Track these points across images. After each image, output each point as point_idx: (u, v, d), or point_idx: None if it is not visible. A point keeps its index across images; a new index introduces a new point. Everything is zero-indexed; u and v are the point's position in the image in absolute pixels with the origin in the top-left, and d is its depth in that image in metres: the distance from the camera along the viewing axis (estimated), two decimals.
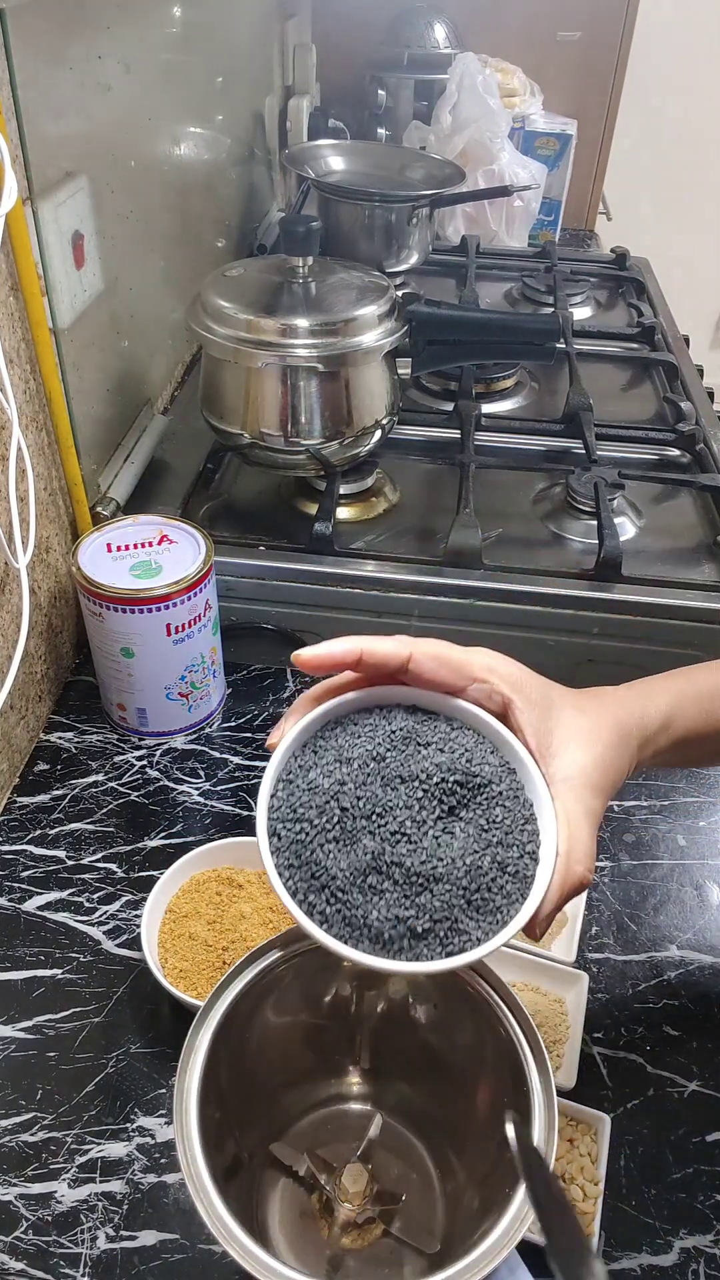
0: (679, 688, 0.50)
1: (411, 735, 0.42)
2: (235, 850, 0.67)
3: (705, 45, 2.19)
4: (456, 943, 0.38)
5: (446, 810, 0.40)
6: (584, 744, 0.44)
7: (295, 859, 0.39)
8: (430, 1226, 0.50)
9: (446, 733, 0.43)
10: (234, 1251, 0.39)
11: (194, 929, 0.62)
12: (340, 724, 0.43)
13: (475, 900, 0.39)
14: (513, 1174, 0.42)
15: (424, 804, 0.40)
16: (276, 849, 0.40)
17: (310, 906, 0.38)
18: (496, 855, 0.40)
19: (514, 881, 0.40)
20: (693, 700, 0.50)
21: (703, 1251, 0.52)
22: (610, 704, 0.47)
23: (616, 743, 0.45)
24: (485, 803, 0.41)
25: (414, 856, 0.39)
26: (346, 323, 0.82)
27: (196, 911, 0.64)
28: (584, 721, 0.45)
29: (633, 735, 0.47)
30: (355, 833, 0.39)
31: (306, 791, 0.40)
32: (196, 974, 0.60)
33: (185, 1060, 0.44)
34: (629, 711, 0.47)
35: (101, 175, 0.82)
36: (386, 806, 0.40)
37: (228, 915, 0.63)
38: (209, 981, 0.59)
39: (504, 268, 1.47)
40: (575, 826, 0.42)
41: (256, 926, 0.63)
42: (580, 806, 0.42)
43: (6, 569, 0.70)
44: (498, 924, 0.39)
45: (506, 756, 0.43)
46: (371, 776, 0.40)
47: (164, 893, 0.64)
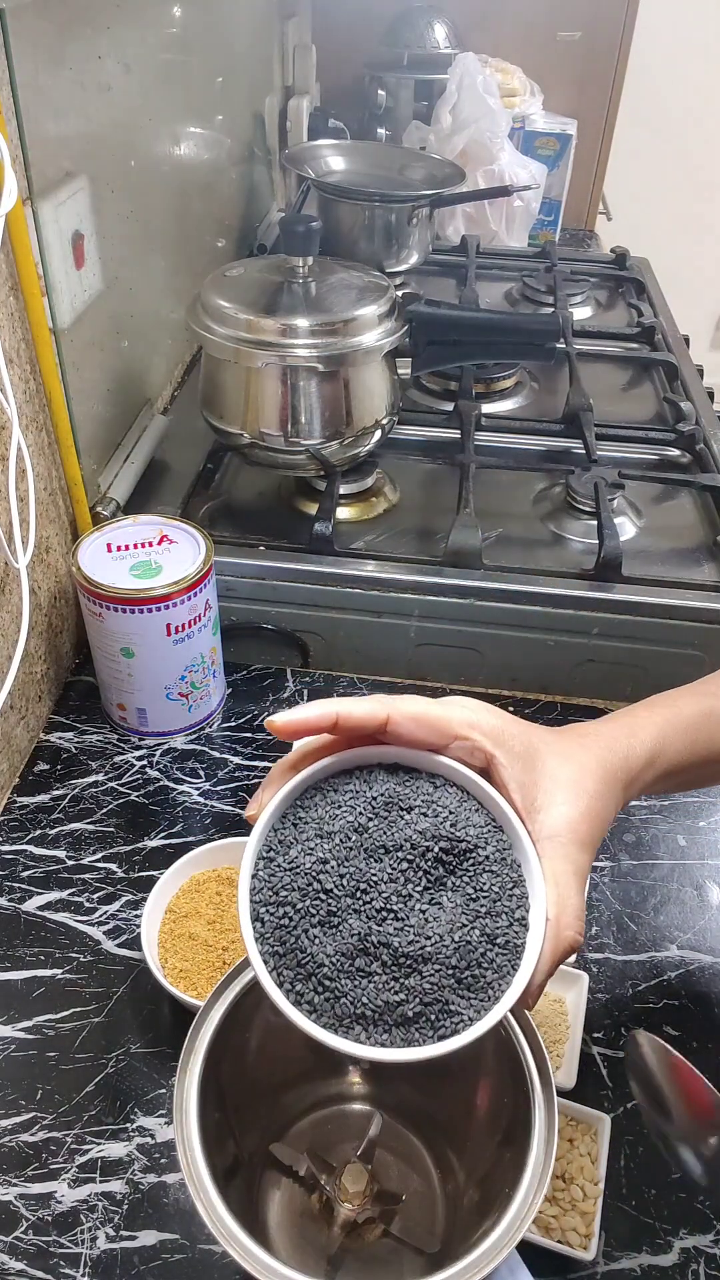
0: (664, 719, 0.49)
1: (394, 800, 0.41)
2: (235, 850, 0.66)
3: (705, 45, 2.19)
4: (449, 1025, 0.37)
5: (433, 880, 0.39)
6: (570, 796, 0.43)
7: (280, 945, 0.38)
8: (430, 1226, 0.50)
9: (429, 794, 0.41)
10: (234, 1251, 0.39)
11: (194, 929, 0.62)
12: (320, 790, 0.42)
13: (465, 979, 0.38)
14: (513, 1174, 0.42)
15: (409, 876, 0.39)
16: (260, 935, 0.39)
17: (298, 996, 0.38)
18: (485, 927, 0.39)
19: (504, 953, 0.39)
20: (679, 731, 0.49)
21: (703, 1251, 0.52)
22: (595, 746, 0.46)
23: (603, 790, 0.44)
24: (472, 869, 0.40)
25: (401, 936, 0.38)
26: (346, 323, 0.82)
27: (196, 911, 0.64)
28: (569, 770, 0.44)
29: (619, 777, 0.45)
30: (340, 913, 0.38)
31: (288, 872, 0.39)
32: (196, 974, 0.60)
33: (185, 1060, 0.44)
34: (614, 752, 0.46)
35: (101, 175, 0.82)
36: (371, 881, 0.39)
37: (228, 915, 0.63)
38: (209, 981, 0.59)
39: (504, 268, 1.47)
40: (564, 888, 0.41)
41: None
42: (568, 865, 0.41)
43: (6, 569, 0.70)
44: (489, 1000, 0.38)
45: (492, 814, 0.42)
46: (354, 850, 0.39)
47: (164, 893, 0.64)
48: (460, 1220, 0.49)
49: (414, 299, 0.89)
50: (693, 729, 0.49)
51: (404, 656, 0.87)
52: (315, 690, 0.85)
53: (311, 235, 0.85)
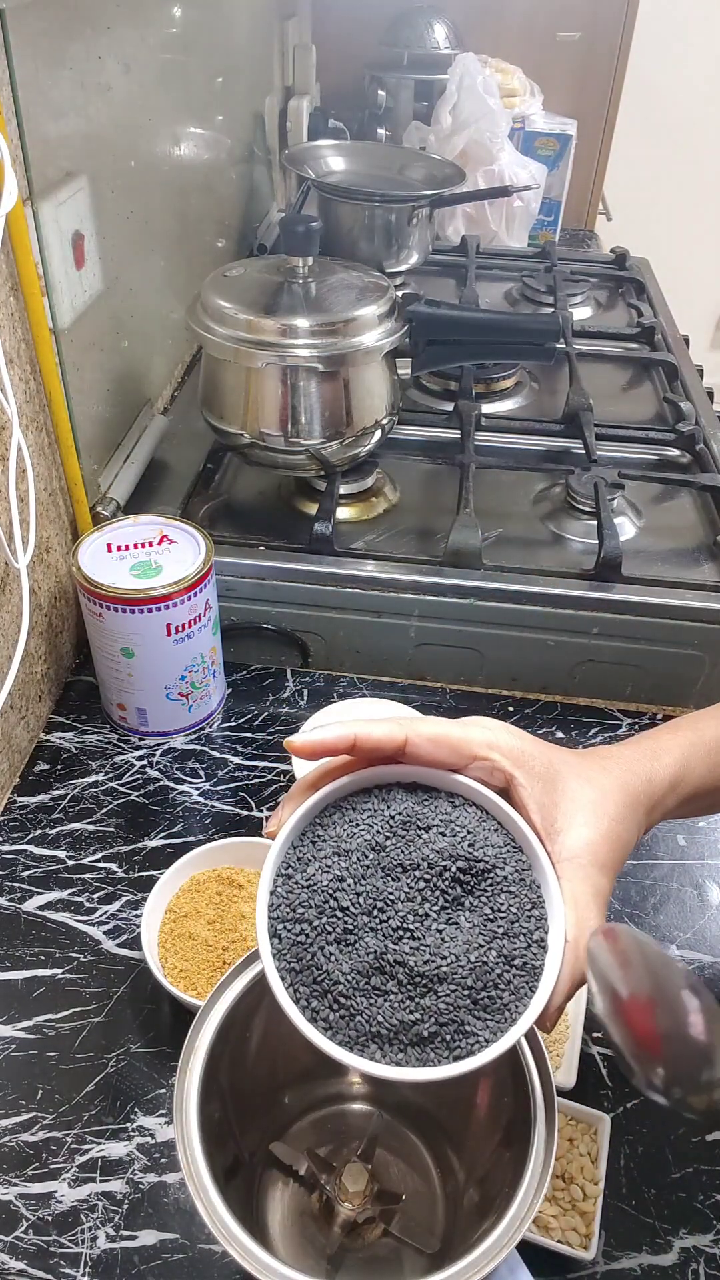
0: (687, 742, 0.48)
1: (411, 819, 0.40)
2: (235, 850, 0.67)
3: (705, 45, 2.19)
4: (464, 1045, 0.37)
5: (450, 900, 0.39)
6: (591, 818, 0.42)
7: (297, 962, 0.38)
8: (430, 1226, 0.50)
9: (448, 813, 0.41)
10: (234, 1251, 0.39)
11: (194, 929, 0.63)
12: (339, 808, 0.42)
13: (481, 999, 0.38)
14: (513, 1174, 0.42)
15: (426, 895, 0.39)
16: (278, 951, 0.39)
17: (314, 1013, 0.37)
18: (503, 948, 0.38)
19: (521, 975, 0.38)
20: (701, 755, 0.48)
21: (703, 1251, 0.52)
22: (616, 769, 0.45)
23: (624, 814, 0.44)
24: (490, 889, 0.40)
25: (417, 955, 0.38)
26: (346, 323, 0.82)
27: (196, 911, 0.64)
28: (590, 793, 0.43)
29: (640, 801, 0.45)
30: (357, 931, 0.38)
31: (305, 889, 0.39)
32: (196, 974, 0.60)
33: (185, 1060, 0.44)
34: (636, 775, 0.45)
35: (101, 175, 0.82)
36: (388, 900, 0.38)
37: (228, 915, 0.63)
38: (209, 981, 0.59)
39: (504, 268, 1.47)
40: (583, 909, 0.40)
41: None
42: (587, 887, 0.41)
43: (7, 569, 0.70)
44: (506, 1022, 0.38)
45: (511, 834, 0.42)
46: (371, 869, 0.39)
47: (164, 893, 0.64)
48: (460, 1220, 0.49)
49: (414, 299, 0.89)
50: (716, 752, 0.48)
51: (404, 656, 0.87)
52: (315, 690, 0.85)
53: (311, 235, 0.85)
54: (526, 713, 0.84)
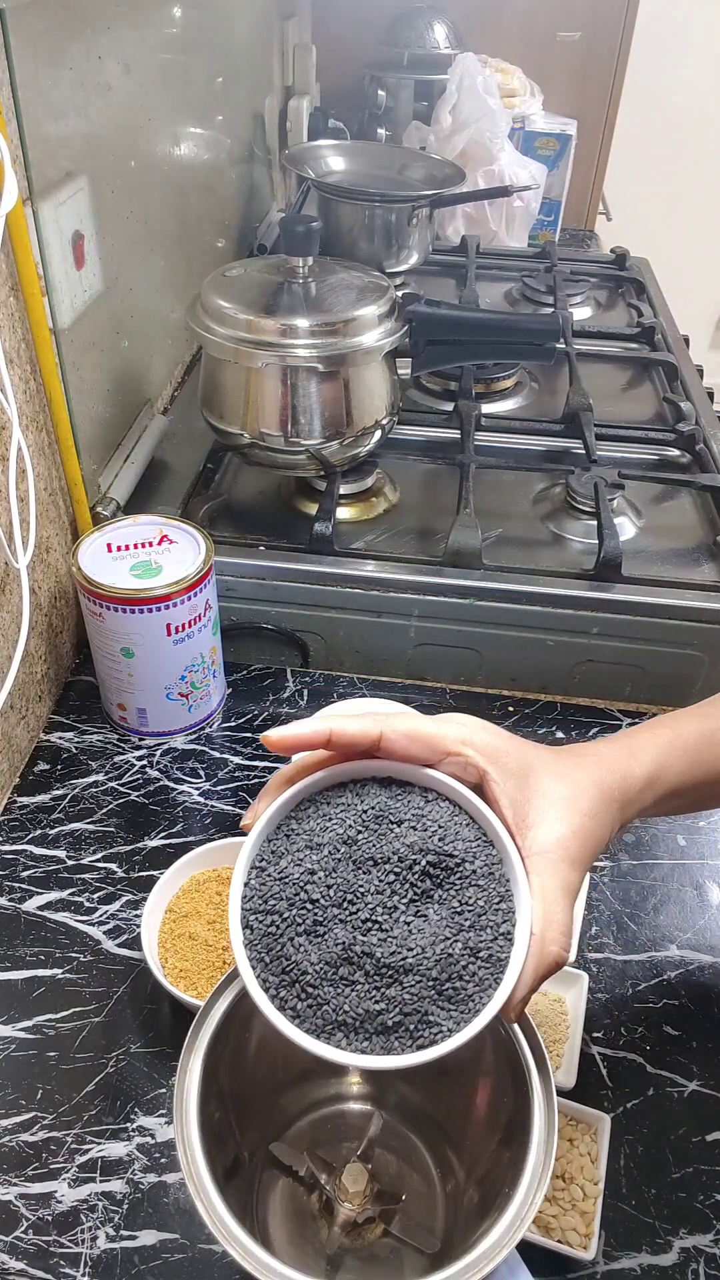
0: (665, 740, 0.49)
1: (384, 813, 0.41)
2: (235, 850, 0.66)
3: (705, 45, 2.19)
4: (427, 1035, 0.38)
5: (419, 893, 0.40)
6: (563, 813, 0.43)
7: (267, 952, 0.39)
8: (430, 1226, 0.50)
9: (420, 807, 0.42)
10: (234, 1251, 0.39)
11: (194, 929, 0.63)
12: (314, 802, 0.42)
13: (446, 990, 0.38)
14: (513, 1174, 0.42)
15: (395, 888, 0.39)
16: (249, 941, 0.39)
17: (282, 1002, 0.38)
18: (469, 940, 0.39)
19: (486, 966, 0.39)
20: (679, 753, 0.48)
21: (703, 1251, 0.52)
22: (591, 766, 0.46)
23: (598, 810, 0.44)
24: (459, 883, 0.40)
25: (384, 947, 0.38)
26: (346, 323, 0.82)
27: (196, 911, 0.64)
28: (563, 789, 0.44)
29: (614, 798, 0.45)
30: (326, 923, 0.39)
31: (277, 881, 0.40)
32: (196, 974, 0.60)
33: (185, 1060, 0.44)
34: (612, 773, 0.46)
35: (101, 175, 0.82)
36: (358, 893, 0.39)
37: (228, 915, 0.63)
38: (209, 981, 0.59)
39: (504, 268, 1.47)
40: (550, 904, 0.41)
41: None
42: (556, 881, 0.41)
43: (7, 569, 0.70)
44: (469, 1013, 0.38)
45: (483, 829, 0.42)
46: (342, 861, 0.40)
47: (163, 893, 0.64)
48: (460, 1220, 0.49)
49: (414, 299, 0.89)
50: (694, 750, 0.49)
51: (404, 656, 0.87)
52: (315, 690, 0.85)
53: (311, 235, 0.85)
54: (526, 713, 0.84)
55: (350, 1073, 0.56)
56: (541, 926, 0.40)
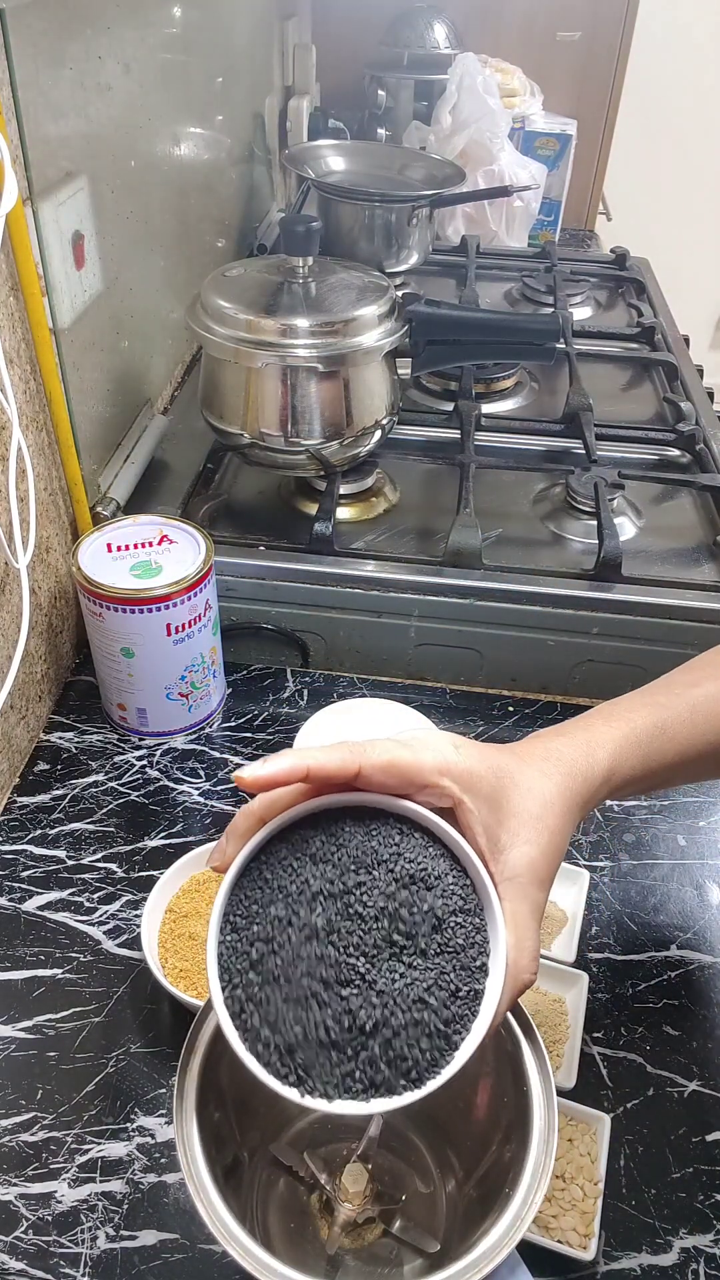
0: (620, 734, 0.50)
1: (361, 859, 0.41)
2: None
3: (705, 45, 2.19)
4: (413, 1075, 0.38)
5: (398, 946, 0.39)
6: (533, 834, 0.44)
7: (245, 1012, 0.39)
8: (430, 1226, 0.50)
9: (396, 842, 0.41)
10: (234, 1251, 0.39)
11: (194, 929, 0.62)
12: (287, 842, 0.41)
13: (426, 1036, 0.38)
14: (513, 1174, 0.42)
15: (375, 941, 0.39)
16: (230, 999, 0.39)
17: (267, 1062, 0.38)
18: (448, 981, 0.39)
19: (464, 1003, 0.39)
20: (633, 746, 0.50)
21: (703, 1251, 0.52)
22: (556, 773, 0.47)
23: (564, 824, 0.45)
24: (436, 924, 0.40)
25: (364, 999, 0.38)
26: (346, 323, 0.82)
27: (196, 911, 0.64)
28: (533, 805, 0.44)
29: (577, 803, 0.47)
30: (304, 981, 0.38)
31: (255, 942, 0.39)
32: (197, 974, 0.60)
33: (185, 1060, 0.44)
34: (574, 778, 0.47)
35: (101, 175, 0.83)
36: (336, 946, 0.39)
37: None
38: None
39: (504, 268, 1.47)
40: (522, 931, 0.41)
41: None
42: (527, 906, 0.42)
43: (7, 569, 0.70)
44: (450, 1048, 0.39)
45: (457, 857, 0.42)
46: (319, 913, 0.39)
47: (164, 893, 0.64)
48: (460, 1220, 0.49)
49: (414, 299, 0.89)
50: (646, 743, 0.51)
51: (404, 656, 0.87)
52: (315, 690, 0.85)
53: (311, 235, 0.85)
54: (526, 713, 0.84)
55: None
56: (514, 955, 0.41)
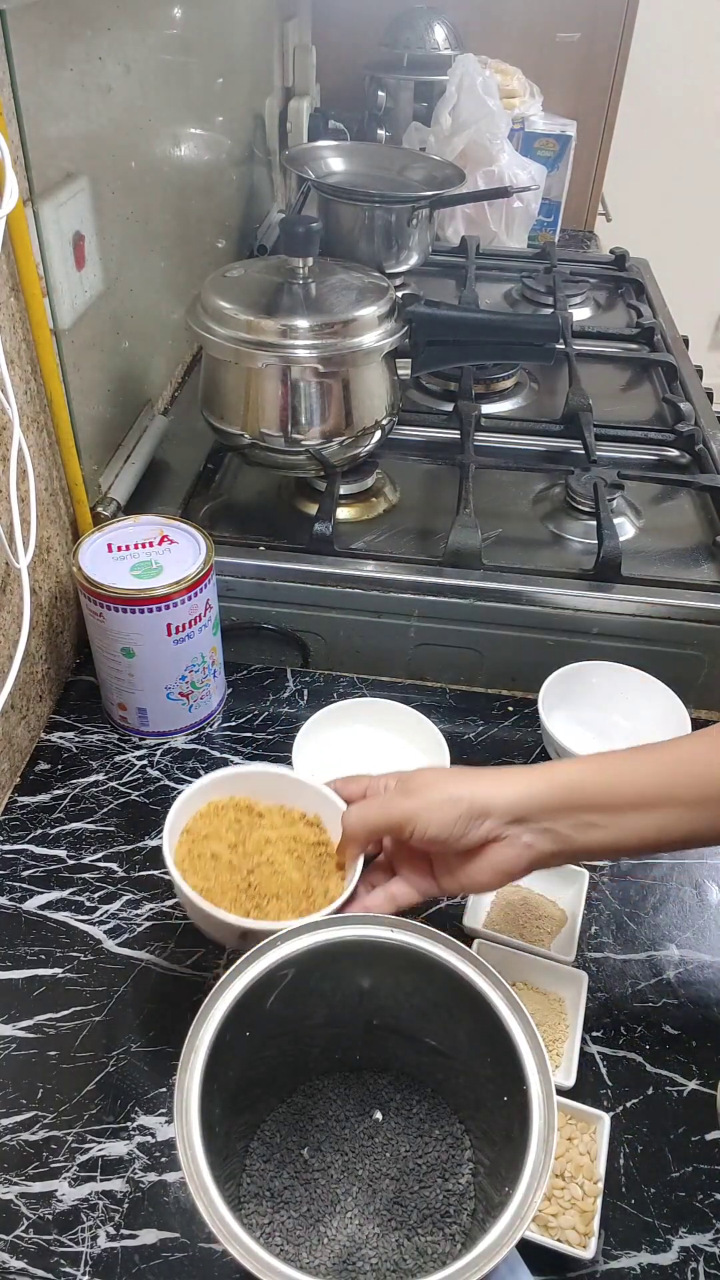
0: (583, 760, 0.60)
1: None
2: (252, 781, 0.64)
3: (705, 45, 2.19)
4: None
5: None
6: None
7: None
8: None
9: None
10: (234, 1251, 0.39)
11: (215, 849, 0.61)
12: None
13: None
14: (513, 1173, 0.42)
15: None
16: None
17: None
18: None
19: None
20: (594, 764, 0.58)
21: (702, 1250, 0.52)
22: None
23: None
24: None
25: None
26: (346, 323, 0.82)
27: (216, 834, 0.62)
28: None
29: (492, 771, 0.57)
30: None
31: None
32: (220, 894, 0.58)
33: (185, 1059, 0.44)
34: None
35: (102, 176, 0.83)
36: None
37: (250, 840, 0.62)
38: (230, 902, 0.58)
39: (504, 268, 1.47)
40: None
41: (282, 854, 0.61)
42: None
43: (7, 569, 0.70)
44: None
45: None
46: None
47: (181, 815, 0.61)
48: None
49: (414, 299, 0.89)
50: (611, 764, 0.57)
51: (404, 656, 0.87)
52: (315, 690, 0.85)
53: (312, 236, 0.85)
54: (526, 712, 0.84)
55: (350, 1073, 0.56)
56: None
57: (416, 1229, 0.50)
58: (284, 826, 0.63)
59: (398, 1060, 0.55)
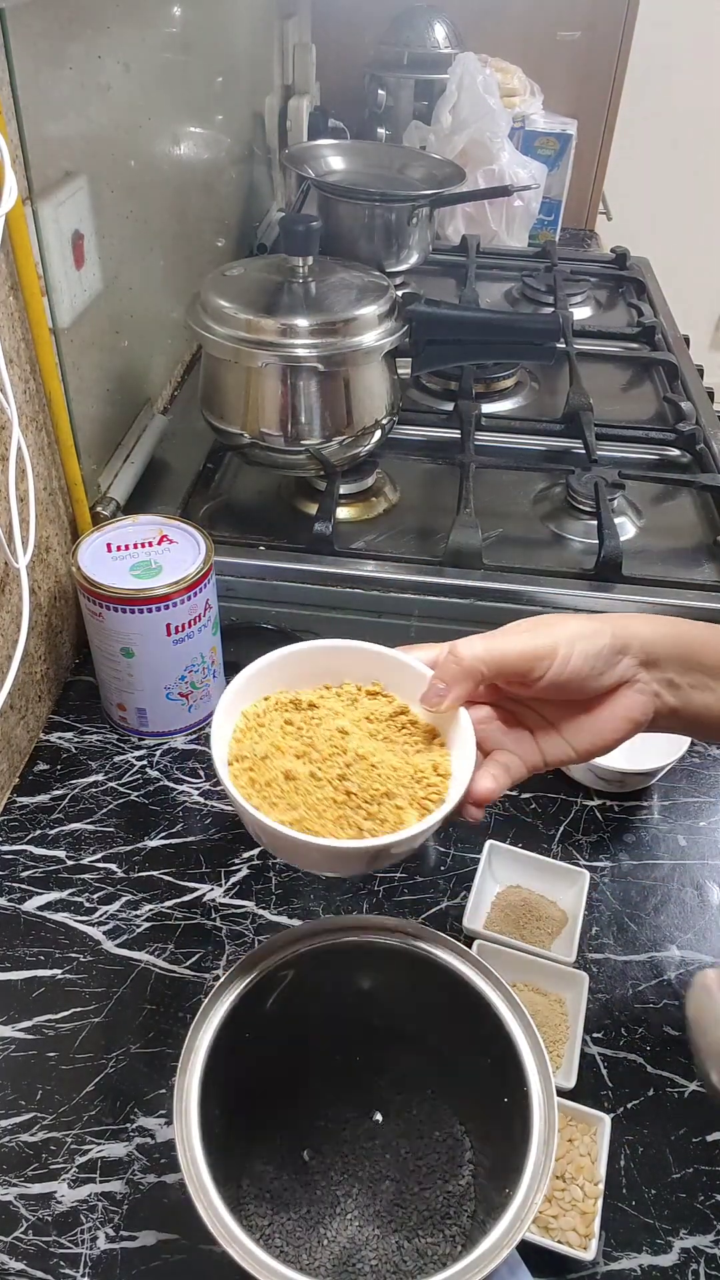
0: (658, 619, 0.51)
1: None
2: (282, 671, 0.53)
3: (705, 45, 2.19)
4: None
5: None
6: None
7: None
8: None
9: None
10: (234, 1252, 0.39)
11: (285, 767, 0.48)
12: None
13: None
14: (513, 1174, 0.42)
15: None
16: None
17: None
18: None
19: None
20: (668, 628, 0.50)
21: (703, 1251, 0.52)
22: None
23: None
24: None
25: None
26: (346, 322, 0.82)
27: (275, 749, 0.49)
28: None
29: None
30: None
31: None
32: (318, 818, 0.46)
33: (185, 1060, 0.44)
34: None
35: (101, 175, 0.82)
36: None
37: (319, 739, 0.49)
38: (336, 822, 0.46)
39: (504, 268, 1.47)
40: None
41: (366, 741, 0.49)
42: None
43: (6, 569, 0.70)
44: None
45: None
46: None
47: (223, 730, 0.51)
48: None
49: (414, 299, 0.89)
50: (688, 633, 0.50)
51: None
52: None
53: (311, 235, 0.85)
54: None
55: (352, 1072, 0.56)
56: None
57: (416, 1230, 0.50)
58: (348, 708, 0.51)
59: (398, 1062, 0.55)
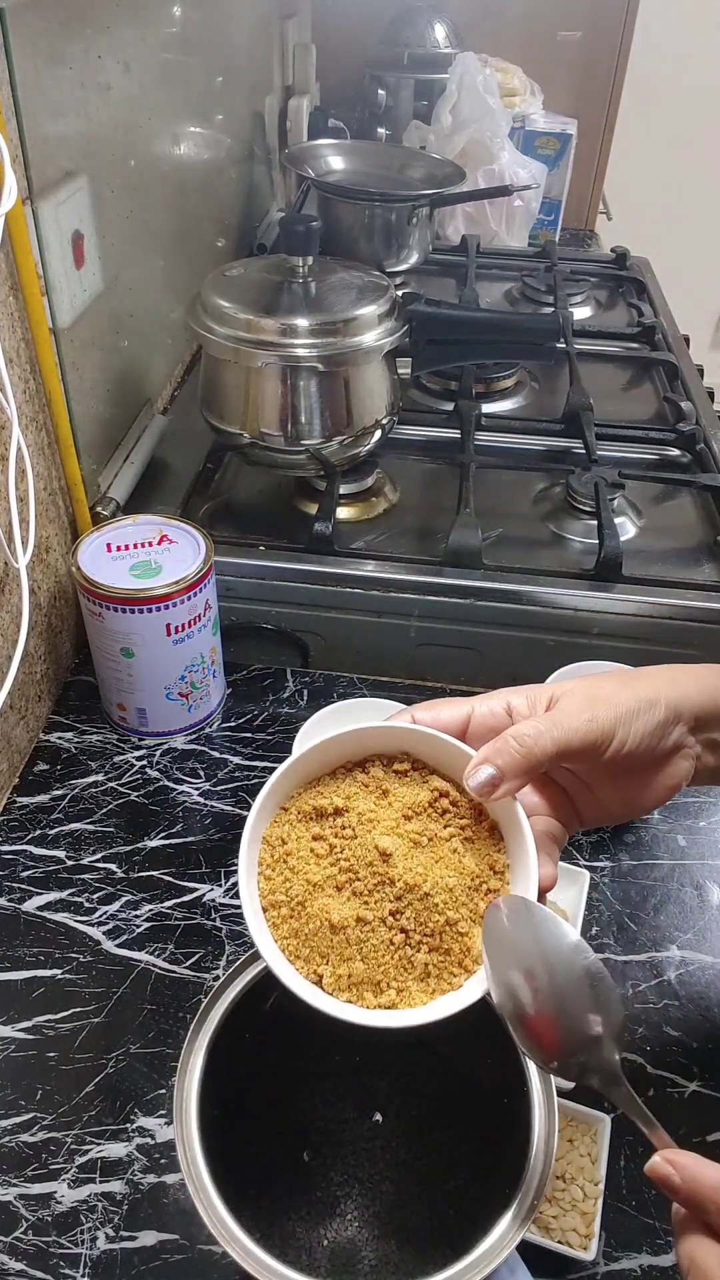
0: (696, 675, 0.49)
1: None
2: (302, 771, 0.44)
3: (705, 45, 2.19)
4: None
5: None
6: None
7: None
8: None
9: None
10: (234, 1252, 0.39)
11: (329, 910, 0.40)
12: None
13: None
14: (513, 1174, 0.42)
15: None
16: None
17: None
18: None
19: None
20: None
21: None
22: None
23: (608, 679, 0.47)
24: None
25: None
26: (346, 322, 0.82)
27: (312, 886, 0.41)
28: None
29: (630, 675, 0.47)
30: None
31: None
32: (376, 978, 0.39)
33: (185, 1060, 0.44)
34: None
35: (101, 175, 0.82)
36: None
37: (358, 859, 0.41)
38: (398, 967, 0.40)
39: (504, 267, 1.47)
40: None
41: (412, 853, 0.41)
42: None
43: (6, 569, 0.70)
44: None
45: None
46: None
47: (250, 870, 0.42)
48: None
49: (414, 299, 0.89)
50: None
51: (404, 656, 0.87)
52: (315, 690, 0.85)
53: (311, 235, 0.85)
54: None
55: (352, 1072, 0.56)
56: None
57: (416, 1231, 0.50)
58: (380, 806, 0.43)
59: (398, 1062, 0.55)
